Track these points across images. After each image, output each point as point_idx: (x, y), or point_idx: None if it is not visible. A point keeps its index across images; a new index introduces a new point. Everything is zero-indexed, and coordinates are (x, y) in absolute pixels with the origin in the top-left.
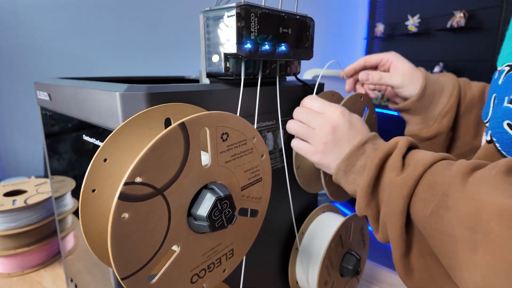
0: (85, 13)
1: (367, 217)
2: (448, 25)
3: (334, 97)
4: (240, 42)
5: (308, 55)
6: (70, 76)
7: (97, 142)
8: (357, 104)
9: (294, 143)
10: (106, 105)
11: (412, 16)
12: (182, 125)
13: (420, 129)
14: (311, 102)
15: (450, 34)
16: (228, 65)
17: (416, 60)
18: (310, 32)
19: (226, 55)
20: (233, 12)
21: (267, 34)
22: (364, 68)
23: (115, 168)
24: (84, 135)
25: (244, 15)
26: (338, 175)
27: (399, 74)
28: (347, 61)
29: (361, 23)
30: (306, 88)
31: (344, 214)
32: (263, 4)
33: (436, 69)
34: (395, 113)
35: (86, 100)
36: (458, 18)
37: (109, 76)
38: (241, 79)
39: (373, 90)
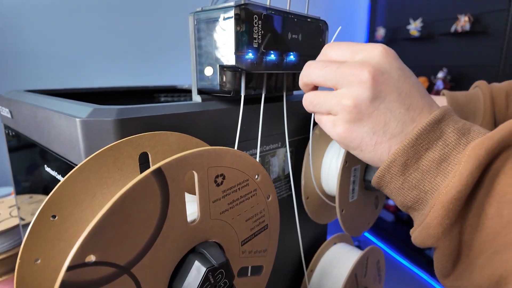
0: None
1: (434, 248)
2: (452, 30)
3: None
4: (239, 51)
5: None
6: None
7: (60, 177)
8: None
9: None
10: (66, 133)
11: (414, 20)
12: (158, 172)
13: None
14: (332, 52)
15: (454, 38)
16: (224, 79)
17: (419, 65)
18: (323, 38)
19: (222, 67)
20: (231, 13)
21: (273, 41)
22: None
23: (68, 227)
24: (46, 166)
25: (245, 17)
26: (388, 172)
27: None
28: None
29: (360, 27)
30: None
31: (357, 243)
32: (268, 3)
33: (440, 74)
34: None
35: (45, 123)
36: (463, 22)
37: (89, 87)
38: (240, 96)
39: None
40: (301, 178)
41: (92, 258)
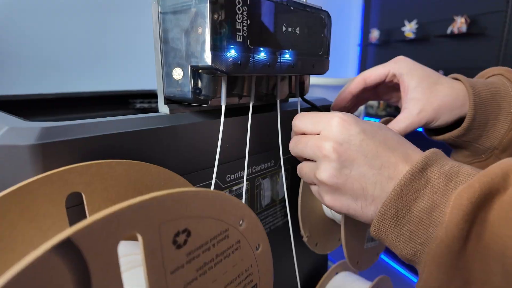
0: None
1: None
2: (449, 31)
3: None
4: (217, 47)
5: (323, 67)
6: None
7: None
8: None
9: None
10: None
11: (409, 21)
12: (65, 246)
13: (469, 162)
14: (299, 123)
15: (451, 40)
16: (199, 85)
17: None
18: (325, 34)
19: (194, 69)
20: None
21: (263, 35)
22: (364, 90)
23: None
24: None
25: (225, 1)
26: (381, 226)
27: (419, 104)
28: (340, 69)
29: (354, 29)
30: None
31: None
32: None
33: None
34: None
35: None
36: (459, 24)
37: (46, 93)
38: (221, 107)
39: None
40: (298, 202)
41: None
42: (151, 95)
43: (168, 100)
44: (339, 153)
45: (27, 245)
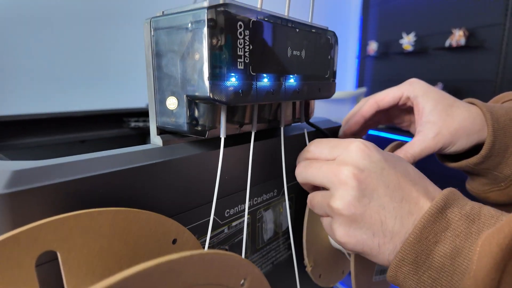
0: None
1: None
2: (447, 44)
3: None
4: (216, 76)
5: (330, 91)
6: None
7: None
8: None
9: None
10: None
11: (407, 34)
12: None
13: (487, 190)
14: (315, 149)
15: (449, 53)
16: (196, 115)
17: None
18: (332, 55)
19: (190, 98)
20: (203, 18)
21: (266, 60)
22: (376, 114)
23: None
24: None
25: (225, 24)
26: (400, 272)
27: (435, 127)
28: (338, 82)
29: (352, 41)
30: (320, 136)
31: None
32: (258, 5)
33: None
34: (398, 137)
35: None
36: (458, 37)
37: (41, 113)
38: (220, 138)
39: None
40: (303, 230)
41: None
42: (146, 113)
43: (161, 131)
44: (359, 180)
45: None
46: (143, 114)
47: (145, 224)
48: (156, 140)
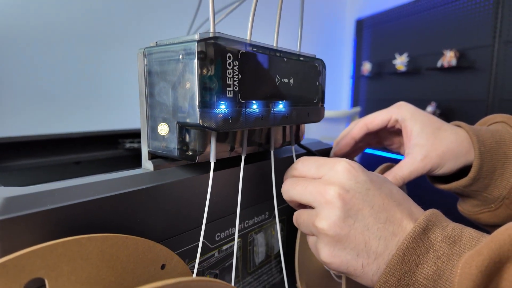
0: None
1: None
2: (439, 65)
3: None
4: (206, 104)
5: (318, 115)
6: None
7: None
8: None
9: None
10: None
11: (400, 54)
12: None
13: (478, 212)
14: (301, 167)
15: (441, 73)
16: (187, 139)
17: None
18: (320, 82)
19: (181, 125)
20: (193, 49)
21: (255, 88)
22: (366, 136)
23: None
24: None
25: (215, 56)
26: None
27: (423, 150)
28: (334, 102)
29: (346, 62)
30: None
31: None
32: (248, 37)
33: (429, 108)
34: (387, 154)
35: None
36: (449, 58)
37: (36, 134)
38: (210, 163)
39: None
40: (295, 253)
41: None
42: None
43: (153, 155)
44: (344, 200)
45: None
46: (138, 135)
47: (133, 250)
48: (147, 164)
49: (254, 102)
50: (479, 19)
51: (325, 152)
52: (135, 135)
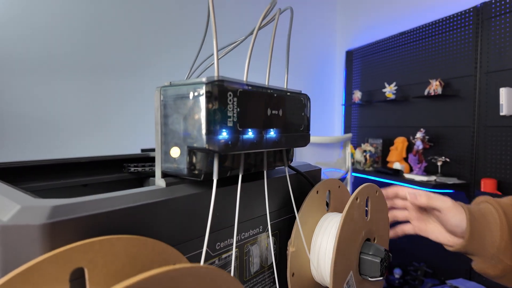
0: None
1: None
2: (426, 93)
3: (340, 188)
4: (211, 131)
5: (305, 140)
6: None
7: None
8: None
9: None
10: None
11: (389, 84)
12: None
13: (486, 267)
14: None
15: (429, 101)
16: (194, 160)
17: (397, 126)
18: (306, 112)
19: (190, 149)
20: (202, 90)
21: (251, 119)
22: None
23: None
24: None
25: (218, 94)
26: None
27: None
28: (327, 126)
29: (338, 91)
30: (301, 179)
31: None
32: (244, 79)
33: (418, 135)
34: (384, 180)
35: None
36: (435, 86)
37: (43, 159)
38: (212, 180)
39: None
40: (287, 268)
41: None
42: (143, 159)
43: (164, 174)
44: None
45: None
46: (141, 160)
47: (151, 250)
48: (160, 182)
49: (249, 129)
50: (461, 50)
51: (313, 174)
52: (138, 159)
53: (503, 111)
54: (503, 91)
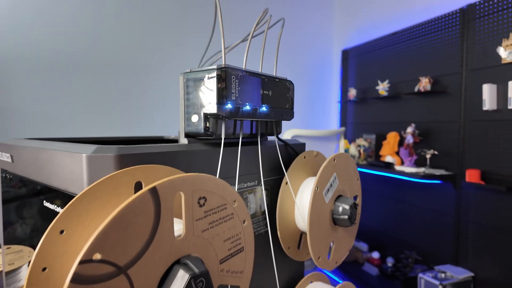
0: (65, 73)
1: None
2: (416, 90)
3: (317, 157)
4: (220, 102)
5: (289, 116)
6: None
7: (59, 209)
8: (345, 164)
9: None
10: (69, 168)
11: (382, 81)
12: (153, 191)
13: None
14: None
15: (418, 97)
16: (208, 124)
17: (390, 121)
18: (290, 94)
19: (206, 115)
20: (214, 74)
21: (248, 95)
22: None
23: (73, 241)
24: (45, 201)
25: (225, 77)
26: None
27: None
28: (324, 122)
29: (335, 88)
30: (288, 148)
31: (333, 283)
32: (243, 67)
33: (409, 129)
34: (377, 173)
35: (47, 162)
36: (424, 83)
37: (83, 137)
38: (221, 139)
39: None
40: (276, 215)
41: (98, 256)
42: (159, 140)
43: (186, 135)
44: None
45: (115, 206)
46: (158, 140)
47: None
48: (183, 140)
49: (247, 103)
50: (448, 49)
51: (299, 148)
52: (156, 140)
53: (486, 106)
54: (485, 87)
